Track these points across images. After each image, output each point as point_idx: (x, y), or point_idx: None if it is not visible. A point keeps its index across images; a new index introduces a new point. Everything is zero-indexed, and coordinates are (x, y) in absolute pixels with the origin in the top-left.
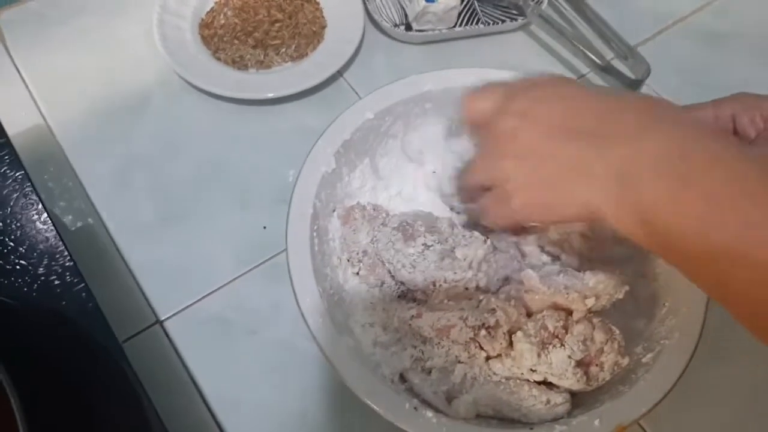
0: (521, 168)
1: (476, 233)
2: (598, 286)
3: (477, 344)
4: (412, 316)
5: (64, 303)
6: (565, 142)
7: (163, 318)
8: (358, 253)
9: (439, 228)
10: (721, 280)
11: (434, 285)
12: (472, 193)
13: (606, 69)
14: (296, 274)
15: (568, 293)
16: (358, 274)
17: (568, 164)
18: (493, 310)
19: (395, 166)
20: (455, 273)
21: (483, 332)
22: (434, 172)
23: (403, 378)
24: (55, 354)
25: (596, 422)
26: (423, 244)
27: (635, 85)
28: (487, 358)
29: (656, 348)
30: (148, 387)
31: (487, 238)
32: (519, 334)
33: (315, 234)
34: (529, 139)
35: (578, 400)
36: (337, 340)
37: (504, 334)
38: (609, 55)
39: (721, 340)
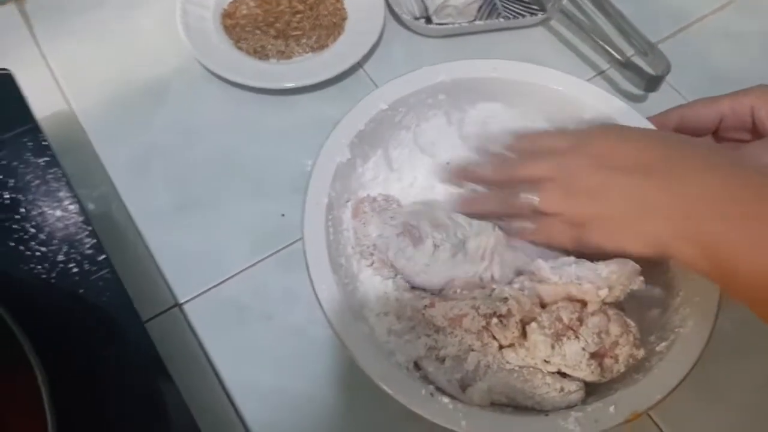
0: (594, 203)
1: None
2: (611, 277)
3: (489, 333)
4: (425, 305)
5: (82, 291)
6: (636, 181)
7: (182, 301)
8: (369, 247)
9: (441, 220)
10: None
11: (452, 283)
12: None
13: (626, 65)
14: (313, 263)
15: (580, 283)
16: (371, 265)
17: (638, 202)
18: (506, 299)
19: (408, 157)
20: (468, 268)
21: (495, 320)
22: (448, 163)
23: (417, 366)
24: (79, 335)
25: (611, 409)
26: (433, 245)
27: (655, 81)
28: (501, 347)
29: (670, 337)
30: (168, 367)
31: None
32: (533, 325)
33: (330, 224)
34: (602, 177)
35: (592, 388)
36: (353, 328)
37: (516, 323)
38: (629, 51)
39: (737, 334)
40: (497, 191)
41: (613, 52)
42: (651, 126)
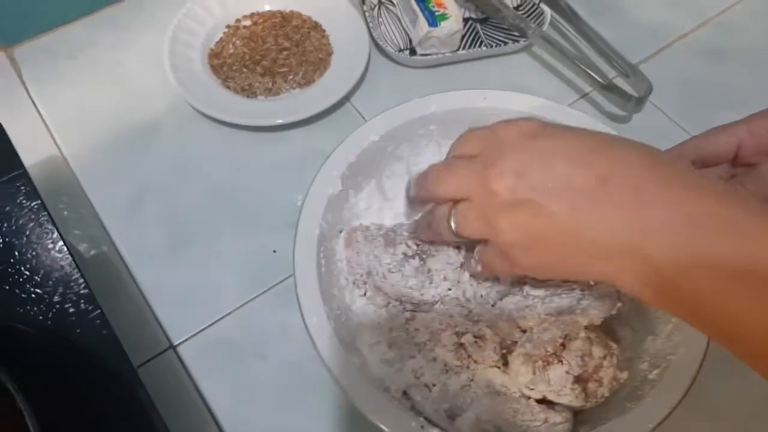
0: (522, 229)
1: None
2: (590, 312)
3: (468, 353)
4: (407, 319)
5: (79, 331)
6: (568, 203)
7: (176, 343)
8: (362, 276)
9: None
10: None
11: (401, 301)
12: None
13: (608, 87)
14: (303, 295)
15: (559, 315)
16: (365, 295)
17: (571, 226)
18: (477, 321)
19: (402, 187)
20: (422, 294)
21: (471, 339)
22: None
23: (406, 395)
24: (71, 381)
25: None
26: (403, 254)
27: (638, 102)
28: (484, 368)
29: (662, 364)
30: (162, 412)
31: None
32: (515, 351)
33: (322, 255)
34: (528, 199)
35: (584, 417)
36: (344, 360)
37: (495, 347)
38: (611, 73)
39: (729, 355)
40: (425, 216)
41: (595, 76)
42: None
